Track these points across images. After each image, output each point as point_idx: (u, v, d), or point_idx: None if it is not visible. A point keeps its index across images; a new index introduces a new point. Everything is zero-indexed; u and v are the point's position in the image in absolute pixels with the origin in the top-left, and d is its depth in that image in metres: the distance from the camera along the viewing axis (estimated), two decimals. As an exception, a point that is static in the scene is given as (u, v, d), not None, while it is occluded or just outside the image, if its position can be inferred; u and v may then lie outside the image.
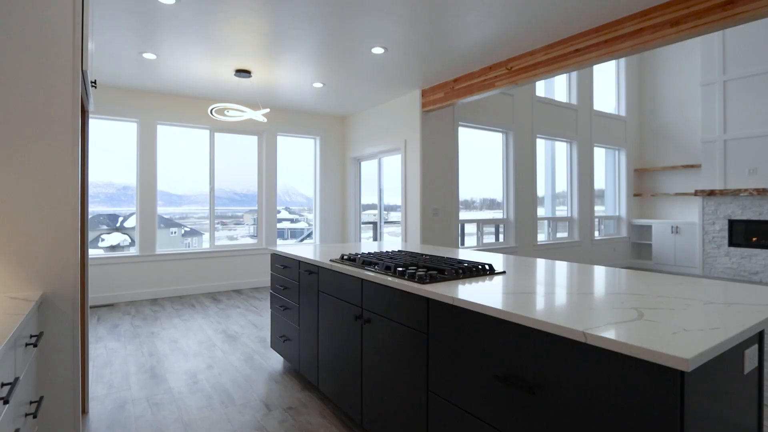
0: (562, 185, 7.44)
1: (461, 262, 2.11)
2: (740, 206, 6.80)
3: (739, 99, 6.81)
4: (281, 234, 7.26)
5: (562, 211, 7.45)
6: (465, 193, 6.28)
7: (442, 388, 1.58)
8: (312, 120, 6.79)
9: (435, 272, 1.86)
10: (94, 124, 5.18)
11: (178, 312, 4.67)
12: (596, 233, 7.89)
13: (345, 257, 2.40)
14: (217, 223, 6.22)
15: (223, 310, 4.77)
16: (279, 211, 7.09)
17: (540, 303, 1.37)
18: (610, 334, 1.06)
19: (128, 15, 3.27)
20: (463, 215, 6.31)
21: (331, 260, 2.42)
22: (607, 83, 8.30)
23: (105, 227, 5.65)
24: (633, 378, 1.01)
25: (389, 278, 1.85)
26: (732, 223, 6.91)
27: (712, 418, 1.07)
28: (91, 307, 4.90)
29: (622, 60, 8.31)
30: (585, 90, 7.50)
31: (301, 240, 7.34)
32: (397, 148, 5.81)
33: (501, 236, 6.52)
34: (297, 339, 2.78)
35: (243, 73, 4.57)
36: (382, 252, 2.58)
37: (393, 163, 6.22)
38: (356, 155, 6.78)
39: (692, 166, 7.67)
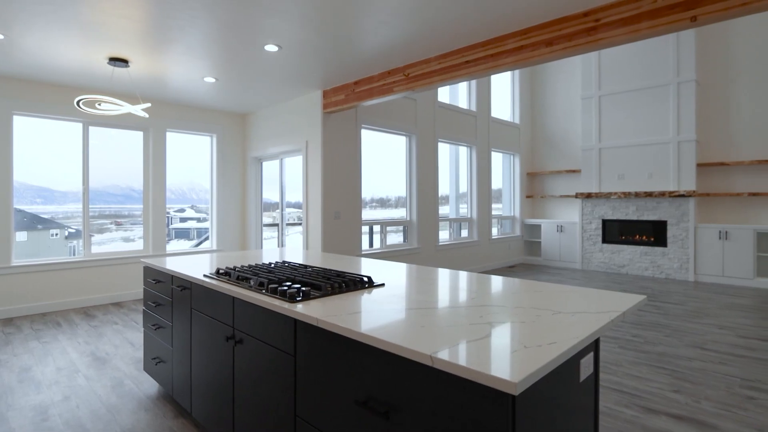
0: (464, 187, 7.81)
1: (341, 275, 2.05)
2: (611, 207, 7.70)
3: (611, 112, 7.69)
4: (186, 234, 6.72)
5: (465, 209, 7.82)
6: (380, 191, 6.31)
7: (309, 413, 1.49)
8: (207, 116, 6.33)
9: (309, 288, 1.77)
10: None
11: (37, 333, 4.04)
12: (494, 232, 8.42)
13: (221, 271, 2.22)
14: (111, 223, 5.55)
15: (95, 327, 4.22)
16: (184, 210, 6.58)
17: (403, 320, 1.35)
18: (454, 356, 1.05)
19: (-45, -16, 2.72)
20: (376, 214, 6.32)
21: (204, 275, 2.21)
22: (504, 92, 8.88)
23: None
24: (472, 401, 1.01)
25: (259, 296, 1.72)
26: (605, 223, 7.79)
27: (548, 430, 1.12)
28: None
29: (516, 72, 8.95)
30: (483, 98, 7.94)
31: (199, 244, 6.82)
32: (298, 149, 5.62)
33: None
34: (171, 361, 2.52)
35: (118, 61, 4.08)
36: (262, 265, 2.43)
37: (296, 165, 6.03)
38: (257, 155, 6.46)
39: (574, 171, 8.52)
